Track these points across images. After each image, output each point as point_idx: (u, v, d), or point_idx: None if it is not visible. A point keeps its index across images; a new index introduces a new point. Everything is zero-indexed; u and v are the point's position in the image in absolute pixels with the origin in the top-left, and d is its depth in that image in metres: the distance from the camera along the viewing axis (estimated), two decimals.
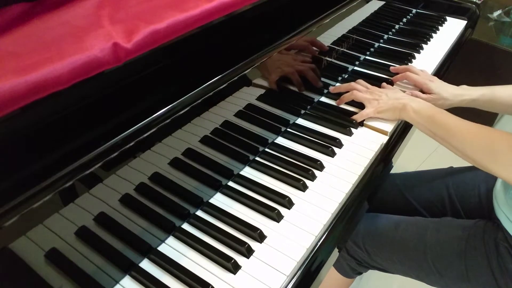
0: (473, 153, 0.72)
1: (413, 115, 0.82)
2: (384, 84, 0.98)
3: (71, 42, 0.47)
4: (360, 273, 1.05)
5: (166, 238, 0.64)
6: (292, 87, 0.85)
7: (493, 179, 0.92)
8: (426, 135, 0.81)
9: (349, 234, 0.91)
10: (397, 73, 1.03)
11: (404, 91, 0.99)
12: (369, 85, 0.94)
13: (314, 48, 0.87)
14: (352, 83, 0.94)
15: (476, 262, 0.79)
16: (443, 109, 0.81)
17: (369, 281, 1.39)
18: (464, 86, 0.96)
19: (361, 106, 0.92)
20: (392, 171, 0.93)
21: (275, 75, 0.77)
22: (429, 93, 0.96)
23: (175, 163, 0.62)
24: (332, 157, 0.80)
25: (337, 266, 1.04)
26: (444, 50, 1.19)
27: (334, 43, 0.93)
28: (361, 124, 0.89)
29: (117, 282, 0.58)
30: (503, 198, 0.80)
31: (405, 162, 1.62)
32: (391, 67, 1.06)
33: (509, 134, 0.68)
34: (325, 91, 0.98)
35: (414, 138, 1.02)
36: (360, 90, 0.92)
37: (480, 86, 0.95)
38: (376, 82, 1.02)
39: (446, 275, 0.82)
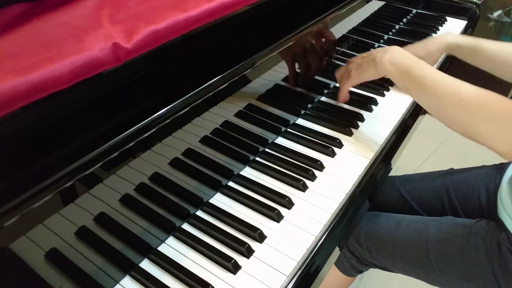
0: (452, 111, 0.63)
1: (390, 67, 0.74)
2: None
3: (71, 42, 0.47)
4: (361, 272, 1.05)
5: (166, 238, 0.64)
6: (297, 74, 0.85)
7: (494, 180, 0.92)
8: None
9: (350, 234, 0.91)
10: None
11: None
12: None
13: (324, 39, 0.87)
14: (339, 80, 0.90)
15: (477, 261, 0.79)
16: (426, 63, 0.71)
17: (370, 281, 1.40)
18: (450, 32, 0.95)
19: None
20: (392, 172, 0.92)
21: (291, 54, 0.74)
22: None
23: (175, 163, 0.62)
24: (332, 157, 0.80)
25: (338, 264, 1.04)
26: None
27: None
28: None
29: (117, 282, 0.58)
30: (508, 199, 0.80)
31: (405, 162, 1.62)
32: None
33: (504, 98, 0.61)
34: (325, 91, 0.98)
35: (414, 139, 1.02)
36: (339, 72, 0.88)
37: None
38: (376, 81, 1.02)
39: (447, 273, 0.82)
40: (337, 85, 1.01)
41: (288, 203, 0.69)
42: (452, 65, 1.18)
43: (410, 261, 0.87)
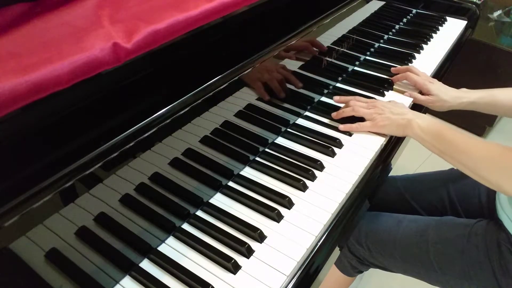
0: (485, 171, 0.71)
1: (419, 131, 0.79)
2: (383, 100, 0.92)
3: (71, 42, 0.47)
4: (361, 272, 1.05)
5: (166, 238, 0.64)
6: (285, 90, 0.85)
7: None
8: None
9: (350, 234, 0.91)
10: (397, 74, 1.03)
11: (404, 91, 0.99)
12: (368, 100, 0.89)
13: (314, 48, 0.87)
14: (352, 102, 0.89)
15: (477, 261, 0.79)
16: (450, 126, 0.79)
17: (370, 281, 1.39)
18: (464, 89, 0.96)
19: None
20: (392, 172, 0.92)
21: (257, 84, 0.74)
22: (428, 95, 0.95)
23: (175, 163, 0.62)
24: (332, 157, 0.80)
25: (338, 264, 1.04)
26: (444, 50, 1.19)
27: (334, 43, 0.93)
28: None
29: (117, 282, 0.58)
30: (506, 201, 0.80)
31: (405, 162, 1.62)
32: (392, 68, 1.05)
33: None
34: (325, 91, 0.98)
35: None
36: (361, 105, 0.87)
37: (480, 86, 0.95)
38: (376, 82, 1.02)
39: (447, 273, 0.82)
40: (337, 85, 1.01)
41: (288, 203, 0.69)
42: (452, 65, 1.18)
43: (410, 261, 0.87)
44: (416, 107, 0.97)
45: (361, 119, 0.86)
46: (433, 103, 0.94)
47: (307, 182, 0.74)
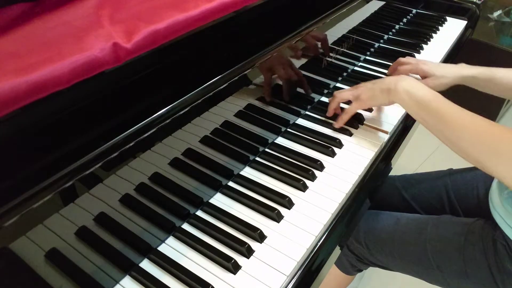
0: (470, 146, 0.66)
1: (404, 95, 0.75)
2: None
3: (71, 42, 0.47)
4: (360, 270, 1.05)
5: (166, 238, 0.64)
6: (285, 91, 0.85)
7: (492, 180, 0.92)
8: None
9: (350, 233, 0.91)
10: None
11: None
12: (352, 87, 0.88)
13: (318, 45, 0.87)
14: (334, 93, 0.87)
15: (474, 258, 0.79)
16: (440, 94, 0.73)
17: (370, 281, 1.40)
18: (463, 64, 0.94)
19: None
20: (392, 172, 0.92)
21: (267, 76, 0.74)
22: (426, 76, 0.94)
23: (175, 163, 0.62)
24: (332, 157, 0.80)
25: (337, 262, 1.04)
26: (444, 50, 1.19)
27: (334, 43, 0.94)
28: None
29: (117, 282, 0.58)
30: (497, 199, 0.81)
31: (405, 162, 1.62)
32: (387, 71, 1.06)
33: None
34: (325, 91, 0.98)
35: (414, 139, 1.02)
36: (344, 91, 0.86)
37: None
38: None
39: (445, 270, 0.83)
40: (338, 85, 1.01)
41: (288, 203, 0.69)
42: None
43: (409, 259, 0.87)
44: None
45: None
46: (433, 83, 0.92)
47: (307, 182, 0.74)
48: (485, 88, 0.94)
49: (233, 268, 0.59)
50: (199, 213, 0.68)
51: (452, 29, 1.30)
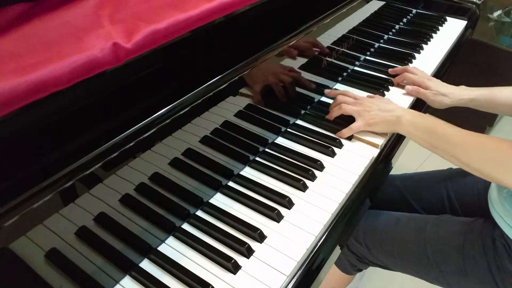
0: (480, 164, 0.71)
1: (409, 128, 0.79)
2: (371, 95, 0.92)
3: (71, 42, 0.47)
4: (360, 270, 1.05)
5: (166, 238, 0.64)
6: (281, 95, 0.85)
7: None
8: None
9: (350, 233, 0.91)
10: (395, 75, 1.03)
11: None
12: (357, 96, 0.89)
13: (315, 48, 0.87)
14: (339, 97, 0.88)
15: (473, 257, 0.80)
16: (440, 119, 0.78)
17: (370, 281, 1.40)
18: (463, 87, 0.96)
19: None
20: (393, 171, 0.93)
21: (258, 85, 0.74)
22: (426, 89, 0.96)
23: (175, 163, 0.62)
24: (332, 157, 0.80)
25: (337, 262, 1.04)
26: (444, 50, 1.19)
27: (334, 43, 0.93)
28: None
29: (117, 282, 0.58)
30: (496, 198, 0.81)
31: (405, 162, 1.62)
32: (389, 69, 1.06)
33: None
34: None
35: None
36: (348, 102, 0.86)
37: (480, 86, 0.95)
38: (376, 82, 1.02)
39: (445, 270, 0.83)
40: (338, 85, 1.01)
41: (288, 203, 0.69)
42: (452, 65, 1.18)
43: (409, 259, 0.87)
44: (416, 107, 0.97)
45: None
46: (433, 98, 0.94)
47: (307, 182, 0.74)
48: (486, 108, 0.95)
49: (233, 268, 0.59)
50: (199, 213, 0.68)
51: (452, 29, 1.30)
